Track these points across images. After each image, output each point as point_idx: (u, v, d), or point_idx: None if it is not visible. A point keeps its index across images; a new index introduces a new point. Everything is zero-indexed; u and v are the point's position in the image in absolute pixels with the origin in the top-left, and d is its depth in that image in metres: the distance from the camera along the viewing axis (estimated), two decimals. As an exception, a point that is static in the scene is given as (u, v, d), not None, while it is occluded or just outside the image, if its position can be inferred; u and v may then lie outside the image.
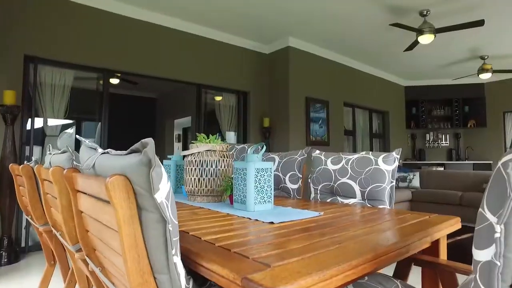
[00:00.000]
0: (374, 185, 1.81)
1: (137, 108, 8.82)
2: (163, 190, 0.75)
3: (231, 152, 3.09)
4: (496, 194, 0.69)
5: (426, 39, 4.28)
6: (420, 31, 4.26)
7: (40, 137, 4.03)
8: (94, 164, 0.91)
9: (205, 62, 4.89)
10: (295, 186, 2.26)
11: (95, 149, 1.00)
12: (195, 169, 1.85)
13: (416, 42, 4.51)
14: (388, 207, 1.78)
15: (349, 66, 6.40)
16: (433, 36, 4.27)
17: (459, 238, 4.32)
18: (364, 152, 1.95)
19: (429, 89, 8.06)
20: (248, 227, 1.20)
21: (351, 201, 1.92)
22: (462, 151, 8.15)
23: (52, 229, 1.60)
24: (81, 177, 1.01)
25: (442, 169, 7.58)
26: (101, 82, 4.25)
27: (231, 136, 5.51)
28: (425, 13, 4.27)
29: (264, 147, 1.68)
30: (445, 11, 4.31)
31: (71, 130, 7.46)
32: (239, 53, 5.30)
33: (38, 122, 3.85)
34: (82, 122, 7.31)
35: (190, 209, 1.60)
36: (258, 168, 1.57)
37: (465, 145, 8.17)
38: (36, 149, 4.08)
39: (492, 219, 0.68)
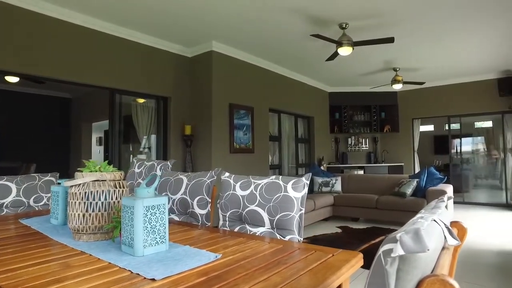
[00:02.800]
0: (283, 213, 1.71)
1: (48, 109, 7.90)
2: None
3: (139, 170, 2.82)
4: (377, 286, 0.59)
5: (345, 51, 4.41)
6: (339, 43, 4.37)
7: None
8: None
9: (120, 65, 4.46)
10: (204, 212, 2.08)
11: None
12: (79, 203, 1.57)
13: (336, 53, 4.64)
14: (297, 237, 1.70)
15: (275, 72, 6.42)
16: (351, 49, 4.42)
17: (373, 242, 4.55)
18: (274, 177, 1.85)
19: (351, 95, 8.50)
20: (120, 292, 0.99)
21: (259, 230, 1.80)
22: (379, 154, 8.75)
23: None
24: None
25: (362, 172, 8.05)
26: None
27: (152, 138, 5.14)
28: (344, 26, 4.40)
29: (158, 180, 1.48)
30: (362, 26, 4.49)
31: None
32: (159, 56, 4.96)
33: None
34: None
35: (68, 256, 1.33)
36: (149, 206, 1.36)
37: (382, 148, 8.79)
38: None
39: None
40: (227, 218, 1.93)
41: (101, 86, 4.31)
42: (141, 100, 5.29)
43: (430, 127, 11.31)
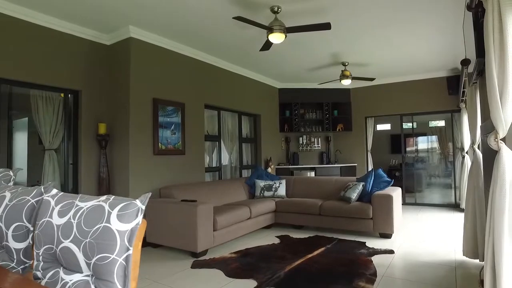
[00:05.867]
0: (100, 255, 1.12)
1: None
2: None
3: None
4: None
5: (276, 38, 3.89)
6: (269, 29, 3.85)
7: None
8: None
9: (12, 50, 3.68)
10: (22, 245, 1.46)
11: None
12: None
13: (269, 42, 4.11)
14: (120, 291, 1.11)
15: (212, 65, 5.79)
16: (284, 36, 3.90)
17: (309, 256, 4.06)
18: (104, 197, 1.25)
19: (302, 92, 8.05)
20: None
21: (74, 278, 1.20)
22: (332, 154, 8.38)
23: None
24: None
25: (313, 173, 7.63)
26: None
27: (58, 138, 4.33)
28: (276, 9, 3.88)
29: None
30: (297, 10, 3.99)
31: None
32: (68, 42, 4.19)
33: None
34: None
35: None
36: None
37: (335, 148, 8.42)
38: None
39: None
40: (40, 258, 1.31)
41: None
42: (63, 96, 4.51)
43: (387, 126, 11.14)
